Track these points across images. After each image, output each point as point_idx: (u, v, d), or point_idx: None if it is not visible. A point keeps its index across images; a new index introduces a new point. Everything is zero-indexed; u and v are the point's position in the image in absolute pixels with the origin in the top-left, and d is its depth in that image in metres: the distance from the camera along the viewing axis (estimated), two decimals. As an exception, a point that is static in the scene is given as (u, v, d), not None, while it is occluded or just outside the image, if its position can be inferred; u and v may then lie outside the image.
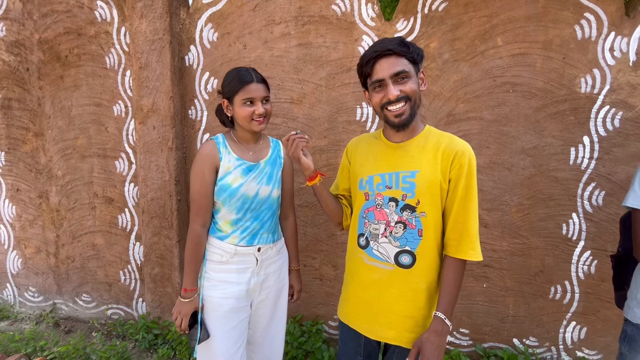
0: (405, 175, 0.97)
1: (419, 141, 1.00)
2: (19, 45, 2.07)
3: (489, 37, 1.64)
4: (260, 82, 1.17)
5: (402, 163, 0.99)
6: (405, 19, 1.70)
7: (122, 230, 2.16)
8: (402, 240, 0.98)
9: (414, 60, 0.94)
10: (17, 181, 2.24)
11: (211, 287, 1.21)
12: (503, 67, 1.65)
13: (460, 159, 0.94)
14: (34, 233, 2.29)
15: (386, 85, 0.93)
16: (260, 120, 1.16)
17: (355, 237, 1.07)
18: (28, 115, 2.14)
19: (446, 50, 1.68)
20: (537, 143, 1.67)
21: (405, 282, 0.98)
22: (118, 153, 2.07)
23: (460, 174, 0.93)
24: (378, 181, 1.01)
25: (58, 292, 2.33)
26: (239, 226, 1.20)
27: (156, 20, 1.78)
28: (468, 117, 1.71)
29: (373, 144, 1.08)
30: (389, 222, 0.98)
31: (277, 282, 1.30)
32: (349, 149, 1.16)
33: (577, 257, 1.71)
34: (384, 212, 0.99)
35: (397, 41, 0.93)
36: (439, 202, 0.96)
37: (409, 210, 0.96)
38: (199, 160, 1.17)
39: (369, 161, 1.06)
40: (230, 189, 1.17)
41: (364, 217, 1.04)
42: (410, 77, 0.93)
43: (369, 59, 0.94)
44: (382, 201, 1.00)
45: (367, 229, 1.03)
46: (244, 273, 1.22)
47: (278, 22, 1.79)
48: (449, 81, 1.71)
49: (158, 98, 1.85)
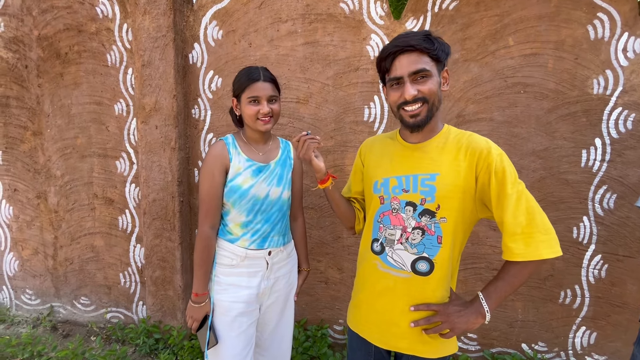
0: (425, 178, 0.92)
1: (438, 142, 0.95)
2: (18, 42, 2.02)
3: (500, 37, 1.61)
4: (268, 81, 1.13)
5: (421, 165, 0.94)
6: (415, 18, 1.67)
7: (122, 232, 2.11)
8: (420, 247, 0.93)
9: (438, 58, 0.88)
10: (14, 181, 2.19)
11: (221, 291, 1.18)
12: (514, 67, 1.62)
13: (487, 159, 0.87)
14: (31, 234, 2.23)
15: (404, 83, 0.88)
16: (265, 120, 1.12)
17: (369, 242, 1.02)
18: (26, 113, 2.09)
19: (456, 49, 1.65)
20: (548, 145, 1.64)
21: (421, 290, 0.93)
22: (119, 153, 2.03)
23: (489, 174, 0.86)
24: (394, 184, 0.96)
25: (56, 295, 2.28)
26: (250, 229, 1.17)
27: (160, 16, 1.74)
28: (478, 118, 1.68)
29: (388, 144, 1.04)
30: (406, 228, 0.94)
31: (286, 285, 1.28)
32: (363, 150, 1.11)
33: (587, 261, 1.68)
34: (400, 216, 0.95)
35: (421, 36, 0.87)
36: (461, 207, 0.91)
37: (428, 215, 0.91)
38: (209, 161, 1.14)
39: (384, 163, 1.01)
40: (241, 190, 1.13)
41: (379, 221, 0.99)
42: (431, 77, 0.88)
43: (388, 54, 0.89)
44: (399, 205, 0.95)
45: (382, 234, 0.98)
46: (254, 277, 1.19)
47: (284, 20, 1.75)
48: (458, 81, 1.68)
49: (161, 97, 1.80)
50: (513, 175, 0.85)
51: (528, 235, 0.83)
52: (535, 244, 0.82)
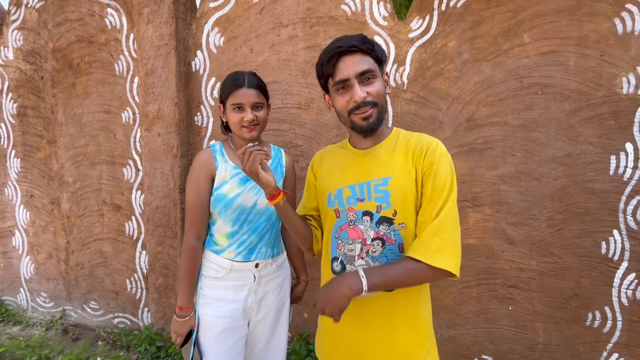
0: (377, 184, 0.86)
1: (388, 145, 0.90)
2: (35, 54, 2.11)
3: (514, 34, 1.49)
4: (253, 88, 1.09)
5: (373, 171, 0.88)
6: (421, 17, 1.58)
7: (129, 238, 2.13)
8: (382, 259, 0.85)
9: (379, 59, 0.86)
10: (31, 187, 2.28)
11: (206, 305, 1.13)
12: (530, 66, 1.49)
13: (431, 157, 0.84)
14: (46, 239, 2.31)
15: (351, 85, 0.82)
16: (250, 127, 1.08)
17: (328, 263, 0.93)
18: (42, 122, 2.18)
19: (466, 49, 1.55)
20: (570, 150, 1.49)
21: (391, 306, 0.86)
22: (126, 160, 2.06)
23: (430, 172, 0.83)
24: (348, 194, 0.89)
25: (68, 298, 2.33)
26: (236, 239, 1.12)
27: (162, 25, 1.75)
28: (491, 122, 1.56)
29: (339, 154, 0.98)
30: (365, 240, 0.86)
31: (276, 300, 1.21)
32: (314, 163, 1.04)
33: (619, 280, 1.50)
34: (358, 229, 0.87)
35: (361, 37, 0.84)
36: (414, 207, 0.85)
37: (386, 223, 0.85)
38: (194, 169, 1.11)
39: (335, 173, 0.94)
40: (226, 199, 1.09)
41: (337, 237, 0.91)
42: (377, 78, 0.84)
43: (331, 56, 0.83)
44: (355, 217, 0.88)
45: (341, 251, 0.90)
46: (241, 291, 1.14)
47: (285, 25, 1.71)
48: (469, 83, 1.57)
49: (163, 104, 1.81)
50: (450, 181, 0.83)
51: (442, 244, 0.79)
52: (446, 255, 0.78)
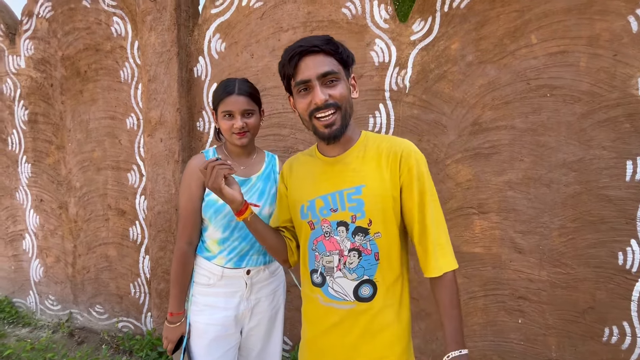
0: (350, 193, 0.83)
1: (357, 151, 0.86)
2: (45, 63, 2.17)
3: (521, 35, 1.43)
4: (243, 95, 1.07)
5: (345, 179, 0.84)
6: (423, 19, 1.54)
7: (132, 243, 2.15)
8: (359, 270, 0.82)
9: (345, 62, 0.82)
10: (41, 192, 2.33)
11: (197, 312, 1.12)
12: (538, 68, 1.43)
13: (407, 161, 0.82)
14: (54, 243, 2.35)
15: (312, 87, 0.79)
16: (240, 134, 1.07)
17: (307, 275, 0.90)
18: (51, 129, 2.23)
19: (470, 51, 1.50)
20: (582, 155, 1.42)
21: (369, 318, 0.82)
22: (130, 165, 2.08)
23: (411, 178, 0.81)
24: (321, 205, 0.85)
25: (74, 301, 2.37)
26: (226, 246, 1.11)
27: (164, 32, 1.77)
28: (497, 126, 1.50)
29: (308, 162, 0.93)
30: (342, 251, 0.83)
31: (270, 307, 1.18)
32: (284, 173, 0.99)
33: (638, 294, 1.40)
34: (334, 240, 0.84)
35: (324, 38, 0.81)
36: (393, 217, 0.82)
37: (362, 233, 0.82)
38: (186, 175, 1.11)
39: (306, 183, 0.90)
40: (217, 205, 1.08)
41: (314, 249, 0.88)
42: (340, 81, 0.80)
43: (292, 55, 0.80)
44: (330, 228, 0.84)
45: (319, 262, 0.87)
46: (232, 298, 1.12)
47: (285, 29, 1.70)
48: (473, 86, 1.51)
49: (165, 110, 1.83)
50: (430, 181, 0.83)
51: (444, 246, 0.82)
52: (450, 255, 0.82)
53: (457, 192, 1.57)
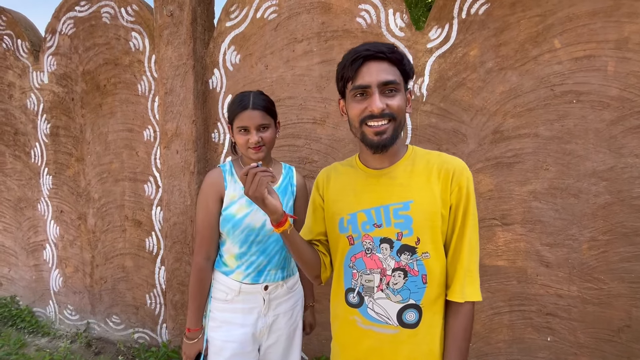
0: (397, 208, 0.78)
1: (405, 165, 0.82)
2: (66, 78, 2.23)
3: (544, 40, 1.39)
4: (258, 109, 1.06)
5: (391, 193, 0.80)
6: (439, 27, 1.51)
7: (149, 254, 2.16)
8: (404, 292, 0.77)
9: (406, 74, 0.79)
10: (61, 203, 2.38)
11: (215, 328, 1.11)
12: (563, 73, 1.37)
13: (459, 178, 0.78)
14: (73, 253, 2.39)
15: (371, 94, 0.74)
16: (256, 149, 1.05)
17: (341, 294, 0.85)
18: (72, 141, 2.28)
19: (490, 57, 1.45)
20: (613, 164, 1.34)
21: (414, 346, 0.77)
22: (147, 177, 2.10)
23: (460, 196, 0.78)
24: (363, 219, 0.81)
25: (92, 312, 2.39)
26: (244, 261, 1.09)
27: (180, 46, 1.80)
28: (519, 134, 1.45)
29: (349, 173, 0.88)
30: (385, 270, 0.78)
31: (288, 323, 1.15)
32: (320, 183, 0.93)
33: (679, 311, 1.31)
34: (376, 257, 0.79)
35: (390, 47, 0.76)
36: (440, 237, 0.78)
37: (408, 252, 0.77)
38: (204, 190, 1.10)
39: (347, 195, 0.85)
40: (234, 219, 1.06)
41: (351, 266, 0.83)
42: (399, 92, 0.77)
43: (356, 58, 0.75)
44: (372, 244, 0.79)
45: (357, 281, 0.82)
46: (250, 314, 1.10)
47: (300, 40, 1.70)
48: (494, 93, 1.47)
49: (181, 122, 1.84)
50: (475, 203, 0.80)
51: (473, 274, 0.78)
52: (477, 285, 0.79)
53: (479, 203, 1.51)
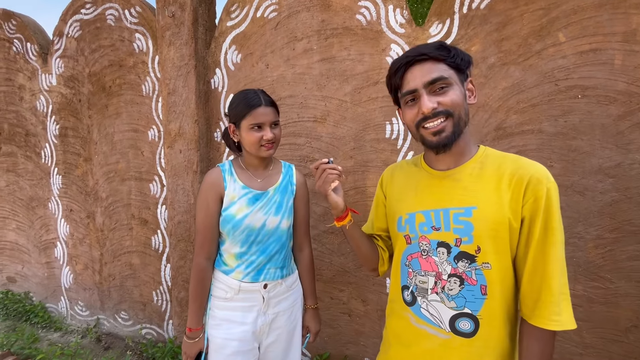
0: (458, 213, 0.74)
1: (472, 167, 0.77)
2: (74, 79, 2.28)
3: (547, 34, 1.35)
4: (269, 106, 1.07)
5: (453, 197, 0.76)
6: (440, 22, 1.49)
7: (155, 252, 2.20)
8: (459, 300, 0.74)
9: (457, 66, 0.74)
10: (70, 202, 2.44)
11: (215, 326, 1.12)
12: (568, 67, 1.34)
13: (535, 188, 0.70)
14: (83, 251, 2.45)
15: (420, 96, 0.74)
16: (268, 146, 1.06)
17: (398, 289, 0.85)
18: (80, 142, 2.33)
19: (492, 52, 1.43)
20: (620, 160, 1.31)
21: (467, 355, 0.74)
22: (152, 176, 2.14)
23: (537, 208, 0.70)
24: (421, 220, 0.79)
25: (101, 308, 2.45)
26: (244, 260, 1.10)
27: (182, 46, 1.81)
28: (522, 131, 1.42)
29: (412, 172, 0.87)
30: (440, 274, 0.76)
31: (288, 321, 1.16)
32: (384, 180, 0.95)
33: (689, 312, 1.27)
34: (432, 260, 0.77)
35: (435, 45, 0.75)
36: (507, 248, 0.72)
37: (467, 260, 0.73)
38: (203, 190, 1.11)
39: (408, 195, 0.84)
40: (234, 220, 1.07)
41: (407, 265, 0.82)
42: (452, 86, 0.73)
43: (398, 67, 0.76)
44: (429, 246, 0.77)
45: (412, 280, 0.81)
46: (250, 312, 1.11)
47: (300, 38, 1.70)
48: (496, 89, 1.44)
49: (184, 122, 1.87)
50: (560, 217, 0.71)
51: (568, 298, 0.69)
52: (571, 312, 0.70)
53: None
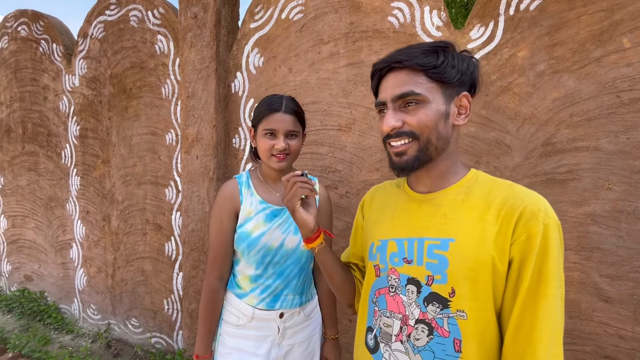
0: (434, 245, 0.62)
1: (457, 192, 0.66)
2: (95, 81, 2.27)
3: (609, 39, 1.19)
4: (289, 114, 0.96)
5: (430, 225, 0.65)
6: (482, 25, 1.35)
7: (167, 259, 2.14)
8: (427, 354, 0.60)
9: (442, 78, 0.61)
10: (87, 204, 2.42)
11: (225, 354, 1.02)
12: (633, 77, 1.17)
13: (528, 223, 0.56)
14: (97, 253, 2.42)
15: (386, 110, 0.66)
16: (280, 157, 0.95)
17: (363, 332, 0.72)
18: (99, 143, 2.31)
19: (541, 59, 1.28)
20: (696, 185, 1.13)
21: None
22: (168, 181, 2.08)
23: (529, 249, 0.56)
24: (393, 250, 0.67)
25: (112, 313, 2.41)
26: (259, 284, 0.99)
27: (203, 48, 1.75)
28: (576, 147, 1.25)
29: (392, 194, 0.76)
30: (407, 318, 0.63)
31: (304, 354, 1.05)
32: (365, 201, 0.85)
33: None
34: (400, 299, 0.64)
35: (422, 49, 0.62)
36: (489, 296, 0.58)
37: (438, 304, 0.60)
38: (218, 204, 1.01)
39: (384, 219, 0.73)
40: (250, 238, 0.97)
41: (374, 301, 0.70)
42: (424, 103, 0.61)
43: (373, 72, 0.69)
44: (397, 282, 0.65)
45: (377, 321, 0.68)
46: (263, 342, 1.00)
47: (326, 42, 1.60)
48: (545, 100, 1.28)
49: (202, 127, 1.79)
50: (560, 263, 0.56)
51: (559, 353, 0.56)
52: None
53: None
